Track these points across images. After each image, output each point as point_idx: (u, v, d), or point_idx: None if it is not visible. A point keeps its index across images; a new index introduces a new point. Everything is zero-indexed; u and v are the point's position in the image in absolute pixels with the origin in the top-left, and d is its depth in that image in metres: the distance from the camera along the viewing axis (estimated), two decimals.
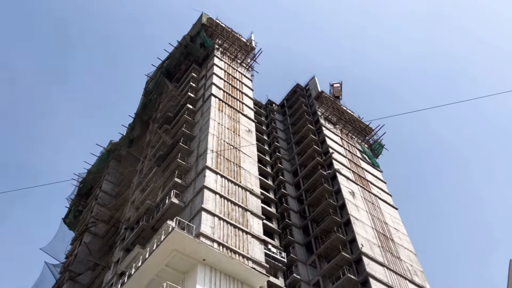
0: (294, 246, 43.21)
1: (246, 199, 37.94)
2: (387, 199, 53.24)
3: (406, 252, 45.07)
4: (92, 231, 50.73)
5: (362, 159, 58.67)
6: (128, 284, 30.86)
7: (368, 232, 43.14)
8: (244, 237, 34.04)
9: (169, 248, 29.35)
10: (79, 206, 61.51)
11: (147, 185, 44.01)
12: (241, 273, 30.75)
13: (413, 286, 40.41)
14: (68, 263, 50.56)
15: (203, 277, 28.97)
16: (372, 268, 38.26)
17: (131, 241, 38.17)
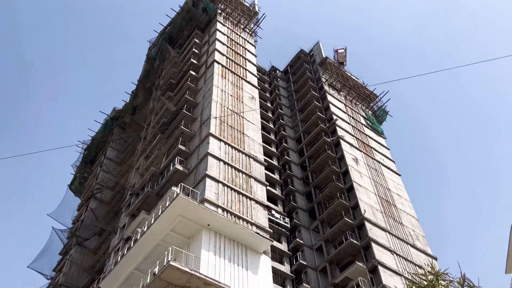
0: (297, 212, 43.78)
1: (249, 165, 38.16)
2: (390, 166, 53.43)
3: (408, 218, 45.58)
4: (97, 197, 51.42)
5: (366, 126, 58.56)
6: (134, 248, 31.46)
7: (371, 198, 43.53)
8: (248, 203, 34.43)
9: (174, 214, 29.77)
10: (84, 173, 62.13)
11: (151, 152, 44.26)
12: (245, 238, 31.28)
13: (415, 251, 41.06)
14: (75, 229, 51.50)
15: (208, 242, 29.49)
16: (374, 233, 38.81)
17: (137, 207, 38.72)
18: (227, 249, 30.23)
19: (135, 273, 31.40)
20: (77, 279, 45.52)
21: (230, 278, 28.37)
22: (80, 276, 45.76)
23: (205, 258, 28.12)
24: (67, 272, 45.76)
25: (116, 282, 32.91)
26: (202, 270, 26.84)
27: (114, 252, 38.82)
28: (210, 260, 28.27)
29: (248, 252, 31.22)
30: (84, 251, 47.98)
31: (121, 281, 32.45)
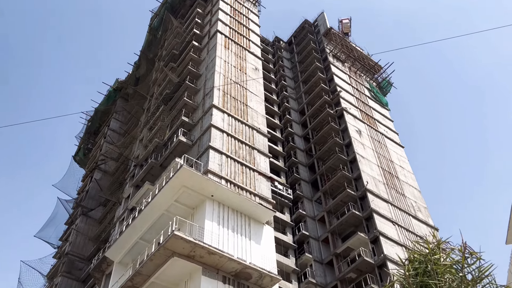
0: (300, 184, 44.05)
1: (253, 137, 38.19)
2: (393, 138, 53.39)
3: (410, 189, 45.84)
4: (102, 168, 51.78)
5: (370, 98, 58.23)
6: (139, 218, 31.89)
7: (373, 170, 43.69)
8: (251, 175, 34.62)
9: (178, 185, 30.02)
10: (88, 144, 62.41)
11: (154, 123, 44.29)
12: (248, 209, 31.61)
13: (416, 222, 41.46)
14: (80, 199, 52.12)
15: (212, 212, 29.83)
16: (377, 205, 39.12)
17: (141, 178, 39.02)
18: (230, 219, 30.59)
19: (140, 243, 31.94)
20: (83, 248, 46.37)
21: (234, 247, 28.81)
22: (86, 245, 46.60)
23: (208, 228, 28.49)
24: (73, 241, 46.57)
25: (121, 251, 33.51)
26: (206, 239, 27.24)
27: (119, 222, 39.37)
28: (213, 230, 28.65)
29: (251, 223, 31.60)
30: (89, 221, 48.69)
31: (126, 250, 33.03)
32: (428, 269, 7.82)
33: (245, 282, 27.90)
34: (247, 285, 27.92)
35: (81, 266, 45.29)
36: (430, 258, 7.87)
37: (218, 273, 27.09)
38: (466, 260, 7.90)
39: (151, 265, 27.11)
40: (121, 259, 33.64)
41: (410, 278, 7.76)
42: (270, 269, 28.90)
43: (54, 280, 45.41)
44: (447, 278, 7.80)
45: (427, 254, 8.07)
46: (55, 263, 48.52)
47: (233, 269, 27.40)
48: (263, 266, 28.65)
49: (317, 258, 37.90)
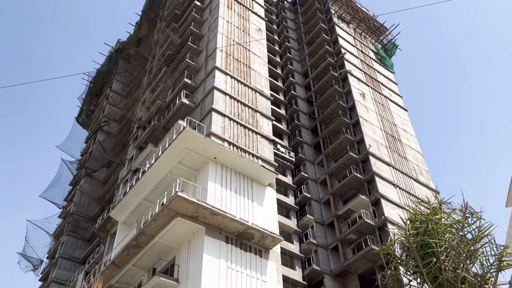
0: (303, 147, 44.15)
1: (255, 100, 37.98)
2: (397, 101, 53.05)
3: (413, 153, 45.93)
4: (105, 130, 51.89)
5: (374, 60, 57.45)
6: (142, 179, 32.20)
7: (376, 133, 43.64)
8: (254, 137, 34.65)
9: (181, 146, 30.12)
10: (90, 105, 62.29)
11: (157, 85, 44.00)
12: (251, 171, 31.83)
13: (418, 185, 41.76)
14: (84, 160, 52.52)
15: (215, 174, 30.07)
16: (379, 168, 39.30)
17: (144, 139, 39.14)
18: (233, 181, 30.86)
19: (143, 203, 32.39)
20: (88, 208, 47.12)
21: (236, 208, 29.21)
22: (90, 205, 47.32)
23: (211, 189, 28.80)
24: (77, 201, 47.26)
25: (125, 211, 34.04)
26: (209, 200, 27.59)
27: (122, 183, 39.79)
28: (216, 192, 28.97)
29: (254, 185, 31.90)
30: (93, 182, 49.23)
31: (130, 210, 33.54)
32: (429, 229, 7.92)
33: (247, 242, 28.44)
34: (249, 245, 28.46)
35: (86, 226, 46.16)
36: (431, 218, 7.95)
37: (221, 233, 27.59)
38: (466, 219, 7.99)
39: (155, 225, 27.58)
40: (125, 219, 34.21)
41: (411, 237, 7.88)
42: (272, 230, 29.39)
43: (60, 239, 46.41)
44: (447, 237, 7.91)
45: (428, 214, 8.15)
46: (60, 223, 49.45)
47: (236, 230, 27.88)
48: (265, 227, 29.12)
49: (318, 220, 38.46)
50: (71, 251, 44.36)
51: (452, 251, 7.88)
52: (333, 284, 34.61)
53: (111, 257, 31.56)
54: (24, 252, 46.96)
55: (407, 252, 8.27)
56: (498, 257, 7.95)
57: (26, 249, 47.02)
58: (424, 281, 8.17)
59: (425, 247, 7.98)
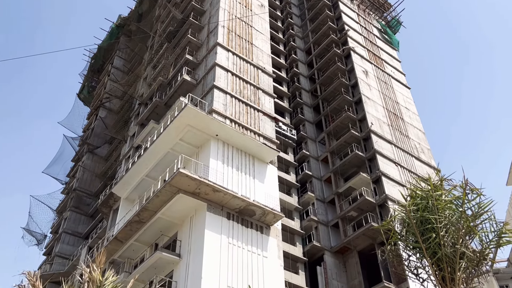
0: (305, 124, 44.11)
1: (258, 77, 37.77)
2: (400, 79, 52.70)
3: (415, 131, 45.87)
4: (106, 106, 51.85)
5: (378, 37, 56.84)
6: (144, 156, 32.34)
7: (378, 111, 43.51)
8: (255, 115, 34.60)
9: (182, 123, 30.14)
10: (92, 82, 62.06)
11: (158, 61, 43.73)
12: (252, 148, 31.91)
13: (419, 163, 41.83)
14: (86, 137, 52.65)
15: (216, 151, 30.17)
16: (380, 146, 39.32)
17: (145, 116, 39.12)
18: (234, 158, 30.97)
19: (146, 180, 32.60)
20: (90, 184, 47.48)
21: (238, 185, 29.39)
22: (93, 181, 47.67)
23: (213, 166, 28.94)
24: (80, 177, 47.59)
25: (127, 187, 34.29)
26: (210, 177, 27.75)
27: (125, 160, 39.96)
28: (218, 169, 29.11)
29: (255, 162, 32.03)
30: (95, 158, 49.47)
31: (132, 186, 33.78)
32: (429, 205, 7.99)
33: (248, 219, 28.73)
34: (250, 221, 28.76)
35: (88, 201, 46.59)
36: (432, 194, 8.01)
37: (223, 210, 27.86)
38: (466, 196, 8.04)
39: (157, 201, 27.83)
40: (127, 195, 34.49)
41: (411, 213, 7.94)
42: (273, 207, 29.64)
43: (63, 214, 46.90)
44: (447, 214, 7.98)
45: (428, 191, 8.20)
46: (63, 199, 49.91)
47: (237, 206, 28.13)
48: (266, 204, 29.36)
49: (319, 197, 38.70)
50: (74, 226, 44.90)
51: (452, 227, 7.97)
52: (333, 260, 35.05)
53: (113, 232, 31.96)
54: (28, 227, 47.56)
55: (407, 228, 8.36)
56: (497, 234, 8.04)
57: (30, 224, 47.62)
58: (423, 256, 8.28)
59: (425, 223, 8.07)
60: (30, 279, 7.84)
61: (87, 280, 7.96)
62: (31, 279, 7.83)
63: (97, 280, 7.74)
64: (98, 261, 8.18)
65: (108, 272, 8.12)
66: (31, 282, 7.79)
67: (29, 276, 7.90)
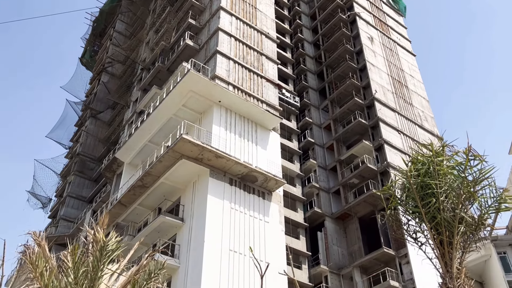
0: (308, 91, 43.84)
1: (261, 43, 37.29)
2: (406, 46, 51.94)
3: (419, 99, 45.57)
4: (109, 71, 51.50)
5: (384, 2, 55.66)
6: (147, 122, 32.38)
7: (383, 78, 43.12)
8: (258, 81, 34.37)
9: (185, 89, 30.03)
10: (94, 46, 61.38)
11: (160, 25, 43.12)
12: (255, 115, 31.87)
13: (422, 131, 41.76)
14: (89, 102, 52.57)
15: (219, 118, 30.16)
16: (384, 113, 39.18)
17: (148, 81, 38.92)
18: (237, 125, 30.99)
19: (149, 145, 32.77)
20: (94, 149, 47.75)
21: (240, 152, 29.54)
22: (96, 146, 47.92)
23: (216, 132, 29.01)
24: (83, 142, 47.82)
25: (131, 152, 34.50)
26: (213, 143, 27.87)
27: (128, 125, 40.03)
28: (221, 135, 29.19)
29: (258, 129, 32.06)
30: (98, 123, 49.56)
31: (135, 152, 33.98)
32: (430, 170, 8.03)
33: (251, 185, 29.01)
34: (252, 187, 29.05)
35: (92, 166, 46.98)
36: (433, 160, 8.03)
37: (225, 176, 28.11)
38: (469, 162, 8.06)
39: (160, 167, 28.06)
40: (131, 160, 34.74)
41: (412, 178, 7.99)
42: (275, 173, 29.87)
43: (67, 179, 47.40)
44: (448, 179, 8.03)
45: (430, 157, 8.23)
46: (67, 163, 50.30)
47: (240, 172, 28.36)
48: (268, 170, 29.58)
49: (321, 164, 38.89)
50: (78, 190, 45.46)
51: (452, 192, 8.03)
52: (334, 226, 35.54)
53: (117, 197, 32.38)
54: (33, 190, 48.17)
55: (407, 193, 8.44)
56: (497, 200, 8.11)
57: (34, 188, 48.21)
58: (422, 221, 8.39)
59: (425, 188, 8.13)
60: (36, 238, 8.02)
61: (91, 241, 8.13)
62: (37, 238, 8.01)
63: (101, 240, 7.90)
64: (102, 222, 8.32)
65: (112, 233, 8.28)
66: (36, 242, 7.97)
67: (35, 236, 8.07)
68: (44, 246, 8.02)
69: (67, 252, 8.32)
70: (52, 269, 7.94)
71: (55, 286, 7.79)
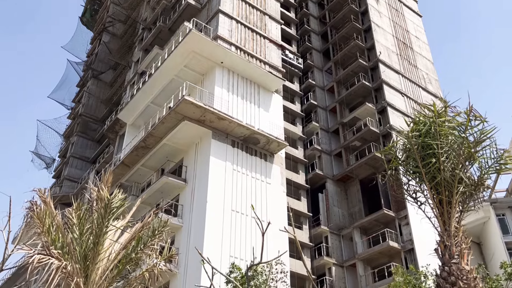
0: (312, 53, 43.27)
1: (264, 2, 36.55)
2: (412, 6, 50.77)
3: (424, 61, 45.00)
4: (110, 31, 50.78)
5: None
6: (149, 82, 32.22)
7: (388, 40, 42.44)
8: (261, 42, 33.90)
9: (187, 50, 29.71)
10: (94, 5, 60.23)
11: None
12: (258, 77, 31.65)
13: (426, 94, 41.45)
14: (90, 62, 52.14)
15: (221, 79, 29.97)
16: (387, 76, 38.81)
17: (149, 41, 38.44)
18: (240, 86, 30.83)
19: (151, 106, 32.74)
20: (96, 110, 47.76)
21: (243, 114, 29.52)
22: (98, 107, 47.90)
23: (218, 94, 28.90)
24: (85, 103, 47.77)
25: (133, 113, 34.52)
26: (215, 105, 27.82)
27: (129, 86, 39.84)
28: (223, 97, 29.09)
29: (260, 91, 31.91)
30: (100, 84, 49.33)
31: (138, 113, 33.99)
32: (431, 131, 8.04)
33: (253, 147, 29.15)
34: (255, 149, 29.20)
35: (95, 127, 47.11)
36: (435, 120, 8.03)
37: (228, 137, 28.21)
38: (470, 122, 8.05)
39: (162, 128, 28.14)
40: (133, 121, 34.80)
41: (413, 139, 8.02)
42: (277, 135, 29.95)
43: (70, 139, 47.65)
44: (449, 139, 8.05)
45: (432, 117, 8.22)
46: (70, 124, 50.44)
47: (242, 134, 28.44)
48: (270, 132, 29.64)
49: (324, 127, 38.88)
50: (81, 151, 45.78)
51: (453, 153, 8.07)
52: (335, 188, 35.91)
53: (120, 157, 32.63)
54: (36, 151, 48.52)
55: (408, 153, 8.49)
56: (497, 160, 8.15)
57: (38, 148, 48.55)
58: (422, 181, 8.48)
59: (426, 148, 8.16)
60: (41, 195, 8.16)
61: (95, 198, 8.27)
62: (42, 195, 8.15)
63: (105, 198, 8.04)
64: (106, 180, 8.44)
65: (116, 191, 8.40)
66: (42, 199, 8.11)
67: (40, 193, 8.21)
68: (49, 203, 8.17)
69: (72, 210, 8.48)
70: (58, 224, 8.11)
71: (62, 241, 7.99)
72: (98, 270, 7.97)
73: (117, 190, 8.42)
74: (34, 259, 7.27)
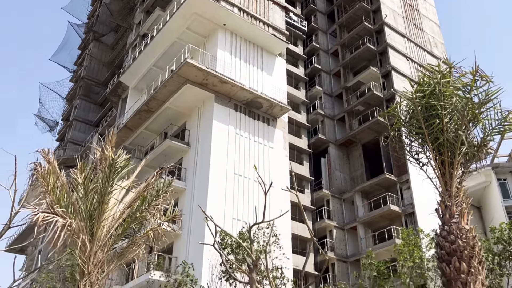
0: (316, 15, 42.47)
1: None
2: None
3: (430, 24, 44.16)
4: None
5: None
6: (151, 45, 31.85)
7: (394, 2, 41.51)
8: (265, 3, 33.24)
9: (189, 11, 29.21)
10: None
11: None
12: (261, 39, 31.22)
13: (431, 58, 40.87)
14: (91, 24, 51.40)
15: (224, 42, 29.58)
16: (393, 39, 38.19)
17: (151, 3, 37.73)
18: (242, 49, 30.47)
19: (153, 69, 32.47)
20: (98, 73, 47.45)
21: (246, 77, 29.30)
22: (100, 70, 47.55)
23: (221, 57, 28.60)
24: (87, 66, 47.39)
25: (135, 76, 34.30)
26: (218, 68, 27.58)
27: (131, 49, 39.40)
28: (226, 60, 28.80)
29: (264, 54, 31.54)
30: (102, 46, 48.78)
31: (140, 76, 33.77)
32: (436, 92, 7.97)
33: (256, 111, 29.08)
34: (257, 113, 29.14)
35: (97, 90, 46.93)
36: (439, 81, 7.93)
37: (230, 101, 28.11)
38: (475, 82, 7.96)
39: (165, 91, 28.01)
40: (136, 84, 34.62)
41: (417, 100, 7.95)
42: (280, 99, 29.81)
43: (73, 102, 47.59)
44: (454, 100, 7.98)
45: (437, 78, 8.12)
46: (72, 87, 50.23)
47: (245, 98, 28.32)
48: (273, 96, 29.49)
49: (327, 91, 38.62)
50: (84, 114, 45.80)
51: (457, 114, 8.02)
52: (337, 152, 36.02)
53: (123, 121, 32.66)
54: (39, 114, 48.57)
55: (411, 114, 8.45)
56: (501, 122, 8.10)
57: (41, 111, 48.57)
58: (425, 142, 8.47)
59: (429, 109, 8.11)
60: (45, 156, 8.22)
61: (100, 158, 8.33)
62: (46, 156, 8.21)
63: (110, 157, 8.09)
64: (110, 141, 8.48)
65: (120, 151, 8.45)
66: (46, 159, 8.18)
67: (44, 154, 8.27)
68: (53, 163, 8.24)
69: (77, 170, 8.56)
70: (62, 184, 8.21)
71: (67, 200, 8.11)
72: (104, 228, 8.13)
73: (121, 151, 8.47)
74: (39, 217, 7.40)
